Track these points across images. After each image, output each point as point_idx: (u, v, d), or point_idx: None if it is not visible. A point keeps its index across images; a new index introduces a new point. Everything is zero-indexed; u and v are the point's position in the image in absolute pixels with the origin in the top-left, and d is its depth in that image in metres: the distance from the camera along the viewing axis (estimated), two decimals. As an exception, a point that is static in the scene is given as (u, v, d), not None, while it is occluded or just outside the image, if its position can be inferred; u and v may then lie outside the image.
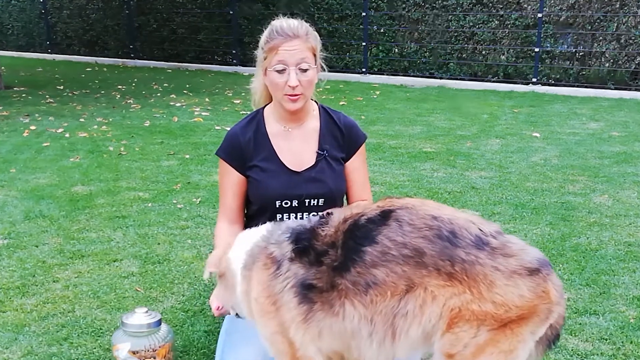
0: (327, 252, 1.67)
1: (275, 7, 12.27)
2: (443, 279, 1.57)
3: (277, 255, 1.74)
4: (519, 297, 1.54)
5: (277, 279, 1.71)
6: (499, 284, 1.54)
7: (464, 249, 1.57)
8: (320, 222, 1.75)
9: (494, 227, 1.65)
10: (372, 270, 1.61)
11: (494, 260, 1.56)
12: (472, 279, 1.55)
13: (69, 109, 8.13)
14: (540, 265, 1.58)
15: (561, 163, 5.27)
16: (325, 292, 1.65)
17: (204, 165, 5.25)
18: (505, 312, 1.54)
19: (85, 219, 3.97)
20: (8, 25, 17.23)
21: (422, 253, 1.59)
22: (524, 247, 1.63)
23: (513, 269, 1.56)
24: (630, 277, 3.10)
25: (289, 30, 2.11)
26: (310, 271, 1.67)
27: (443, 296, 1.57)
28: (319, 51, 2.18)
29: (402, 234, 1.61)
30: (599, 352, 2.44)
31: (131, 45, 14.75)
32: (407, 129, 6.77)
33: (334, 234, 1.69)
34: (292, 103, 2.14)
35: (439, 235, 1.59)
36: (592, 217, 3.95)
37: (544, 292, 1.56)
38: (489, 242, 1.59)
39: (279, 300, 1.70)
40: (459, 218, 1.64)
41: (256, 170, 2.23)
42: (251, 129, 2.25)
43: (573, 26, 9.90)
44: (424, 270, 1.58)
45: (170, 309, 2.82)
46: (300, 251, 1.71)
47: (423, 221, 1.62)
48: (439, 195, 4.41)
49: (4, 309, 2.82)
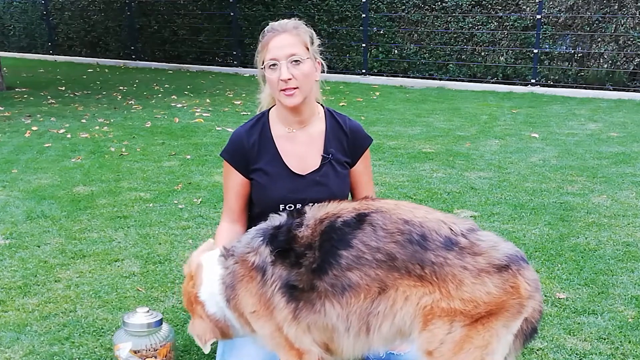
0: (305, 254, 1.74)
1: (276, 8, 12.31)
2: (414, 281, 1.65)
3: (258, 264, 1.79)
4: (486, 294, 1.60)
5: (265, 285, 1.77)
6: (467, 283, 1.61)
7: (434, 252, 1.64)
8: (296, 223, 1.80)
9: (466, 225, 1.71)
10: (348, 274, 1.69)
11: (463, 260, 1.63)
12: (442, 279, 1.63)
13: (70, 110, 8.15)
14: (509, 262, 1.63)
15: (560, 163, 5.29)
16: (306, 292, 1.73)
17: (205, 166, 5.27)
18: (474, 308, 1.61)
19: (87, 219, 3.99)
20: (10, 27, 17.25)
21: (394, 258, 1.66)
22: (496, 243, 1.67)
23: (481, 268, 1.62)
24: (628, 276, 3.11)
25: (278, 27, 2.15)
26: (292, 273, 1.75)
27: (415, 296, 1.65)
28: (312, 44, 2.17)
29: (376, 239, 1.69)
30: (597, 352, 2.46)
31: (132, 47, 14.78)
32: (406, 129, 6.79)
33: (310, 235, 1.75)
34: (289, 98, 2.13)
35: (410, 239, 1.67)
36: (590, 217, 3.96)
37: (512, 287, 1.62)
38: (458, 242, 1.65)
39: (272, 303, 1.77)
40: (430, 220, 1.71)
41: (260, 173, 2.24)
42: (256, 132, 2.25)
43: (572, 27, 9.92)
44: (396, 274, 1.66)
45: (171, 308, 2.83)
46: (281, 253, 1.77)
47: (395, 226, 1.69)
48: (438, 195, 4.43)
49: (6, 308, 2.84)
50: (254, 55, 2.27)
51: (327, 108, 2.33)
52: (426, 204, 4.22)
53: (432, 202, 4.29)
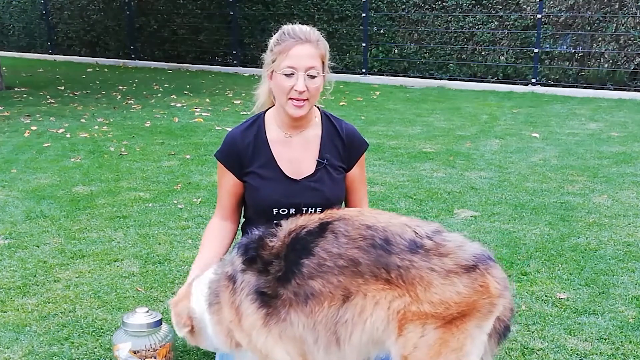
0: (272, 262, 1.74)
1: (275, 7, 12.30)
2: (382, 284, 1.62)
3: (231, 273, 1.81)
4: (456, 294, 1.59)
5: (236, 293, 1.78)
6: (435, 284, 1.59)
7: (399, 255, 1.62)
8: (269, 233, 1.81)
9: (431, 227, 1.69)
10: (310, 282, 1.67)
11: (429, 262, 1.61)
12: (409, 282, 1.60)
13: (70, 110, 8.14)
14: (477, 261, 1.62)
15: (560, 163, 5.28)
16: (273, 299, 1.72)
17: (205, 166, 5.26)
18: (445, 309, 1.59)
19: (86, 219, 3.99)
20: (9, 26, 17.25)
21: (357, 263, 1.64)
22: (462, 244, 1.66)
23: (449, 268, 1.60)
24: (629, 277, 3.11)
25: (301, 34, 2.09)
26: (261, 279, 1.74)
27: (385, 300, 1.62)
28: (327, 59, 2.16)
29: (338, 245, 1.67)
30: (598, 352, 2.45)
31: (132, 46, 14.77)
32: (406, 129, 6.78)
33: (279, 246, 1.76)
34: (297, 109, 2.11)
35: (373, 244, 1.65)
36: (591, 217, 3.96)
37: (482, 286, 1.60)
38: (423, 245, 1.63)
39: (241, 310, 1.76)
40: (394, 224, 1.69)
41: (254, 176, 2.22)
42: (251, 134, 2.23)
43: (572, 27, 9.91)
44: (360, 279, 1.63)
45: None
46: (249, 261, 1.78)
47: (358, 231, 1.67)
48: (438, 195, 4.42)
49: (5, 308, 2.83)
50: (254, 55, 2.26)
51: (324, 111, 2.31)
52: (426, 204, 4.21)
53: (432, 202, 4.28)
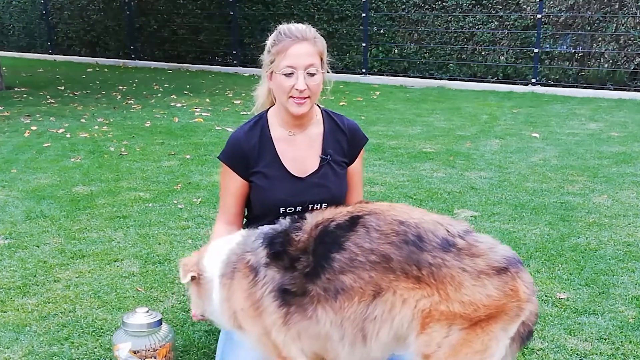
0: (299, 258, 1.71)
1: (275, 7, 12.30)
2: (411, 282, 1.61)
3: (253, 263, 1.78)
4: (486, 296, 1.57)
5: (256, 285, 1.76)
6: (466, 285, 1.58)
7: (431, 253, 1.61)
8: (294, 227, 1.78)
9: (462, 227, 1.68)
10: (340, 277, 1.65)
11: (461, 262, 1.60)
12: (440, 281, 1.59)
13: (69, 110, 8.14)
14: (508, 264, 1.61)
15: (560, 163, 5.28)
16: (299, 297, 1.70)
17: (205, 166, 5.26)
18: (473, 311, 1.57)
19: (86, 219, 3.99)
20: (9, 26, 17.25)
21: (389, 259, 1.62)
22: (493, 245, 1.65)
23: (480, 269, 1.59)
24: (629, 277, 3.11)
25: (298, 33, 2.09)
26: (286, 276, 1.72)
27: (413, 298, 1.61)
28: (325, 56, 2.17)
29: (370, 240, 1.65)
30: (598, 352, 2.45)
31: (132, 46, 14.77)
32: (406, 129, 6.78)
33: (306, 239, 1.73)
34: (298, 107, 2.12)
35: (406, 240, 1.63)
36: (591, 217, 3.96)
37: (512, 290, 1.59)
38: (456, 244, 1.62)
39: (261, 305, 1.75)
40: (426, 221, 1.67)
41: (259, 176, 2.22)
42: (256, 134, 2.23)
43: (572, 27, 9.91)
44: (391, 275, 1.62)
45: (170, 308, 2.83)
46: (275, 256, 1.76)
47: (390, 227, 1.66)
48: (438, 195, 4.42)
49: (5, 308, 2.83)
50: (254, 55, 2.26)
51: (324, 109, 2.33)
52: (426, 204, 4.21)
53: (433, 202, 4.28)
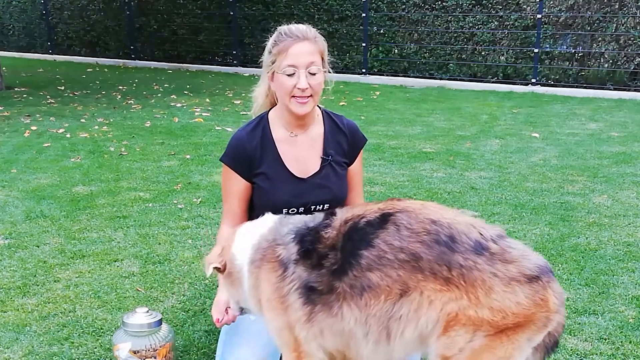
0: (327, 255, 1.70)
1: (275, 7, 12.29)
2: (440, 284, 1.57)
3: (283, 258, 1.77)
4: (516, 304, 1.54)
5: (284, 281, 1.74)
6: (497, 290, 1.54)
7: (462, 254, 1.57)
8: (324, 224, 1.76)
9: (495, 231, 1.64)
10: (367, 274, 1.63)
11: (493, 266, 1.56)
12: (470, 284, 1.55)
13: (70, 110, 8.15)
14: (540, 273, 1.57)
15: (560, 163, 5.28)
16: (325, 294, 1.68)
17: (205, 166, 5.26)
18: (502, 318, 1.54)
19: (86, 219, 3.99)
20: (9, 26, 17.25)
21: (419, 258, 1.59)
22: (526, 252, 1.61)
23: (512, 276, 1.55)
24: (629, 277, 3.11)
25: (298, 32, 2.10)
26: (312, 274, 1.70)
27: (440, 301, 1.58)
28: (326, 55, 2.17)
29: (400, 238, 1.62)
30: (598, 352, 2.45)
31: (132, 46, 14.77)
32: (406, 129, 6.78)
33: (335, 236, 1.71)
34: (301, 106, 2.12)
35: (437, 240, 1.60)
36: (591, 217, 3.95)
37: (542, 300, 1.56)
38: (489, 247, 1.58)
39: (286, 301, 1.74)
40: (459, 222, 1.63)
41: (262, 177, 2.22)
42: (257, 136, 2.23)
43: (572, 27, 9.91)
44: (419, 275, 1.59)
45: (170, 308, 2.83)
46: (305, 254, 1.74)
47: (421, 225, 1.62)
48: (438, 195, 4.42)
49: (5, 308, 2.83)
50: (254, 55, 2.27)
51: (324, 109, 2.33)
52: (426, 204, 4.21)
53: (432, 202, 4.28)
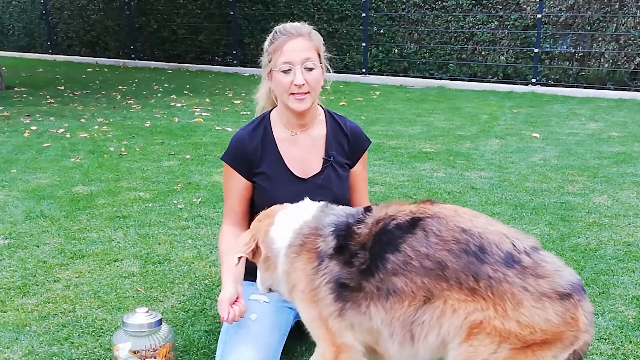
0: (357, 253, 1.70)
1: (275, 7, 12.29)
2: (465, 294, 1.55)
3: (321, 250, 1.76)
4: (545, 320, 1.50)
5: (317, 273, 1.75)
6: (526, 305, 1.50)
7: (492, 266, 1.54)
8: (358, 220, 1.76)
9: (529, 243, 1.60)
10: (393, 278, 1.63)
11: (524, 280, 1.52)
12: (498, 296, 1.52)
13: (69, 110, 8.14)
14: (572, 291, 1.53)
15: (560, 163, 5.28)
16: (355, 292, 1.69)
17: (205, 166, 5.26)
18: (530, 334, 1.51)
19: (86, 219, 3.98)
20: (9, 26, 17.25)
21: (445, 266, 1.57)
22: (559, 268, 1.57)
23: (543, 291, 1.51)
24: (629, 277, 3.10)
25: (292, 29, 2.11)
26: (344, 270, 1.71)
27: (464, 310, 1.56)
28: (322, 51, 2.17)
29: (427, 245, 1.60)
30: (598, 352, 2.45)
31: (132, 46, 14.77)
32: (406, 129, 6.78)
33: (366, 234, 1.71)
34: (299, 103, 2.12)
35: (466, 250, 1.57)
36: (591, 217, 3.95)
37: (572, 318, 1.52)
38: (521, 260, 1.54)
39: (318, 293, 1.75)
40: (491, 232, 1.60)
41: (263, 177, 2.23)
42: (259, 135, 2.23)
43: (572, 27, 9.91)
44: (444, 284, 1.57)
45: (170, 308, 2.82)
46: (338, 249, 1.74)
47: (451, 233, 1.60)
48: (438, 195, 4.42)
49: (5, 308, 2.83)
50: (254, 55, 2.28)
51: (327, 110, 2.33)
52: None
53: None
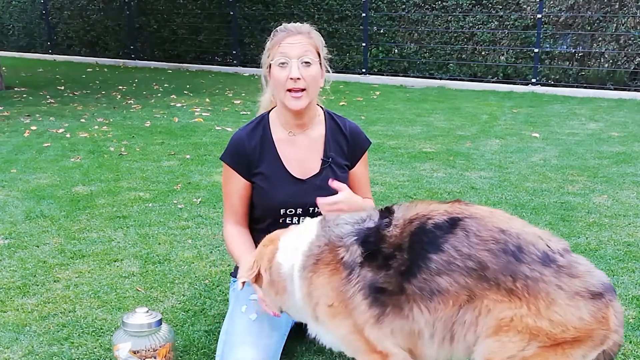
0: (394, 255, 1.68)
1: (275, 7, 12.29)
2: (502, 295, 1.57)
3: (347, 260, 1.74)
4: (578, 319, 1.52)
5: (349, 283, 1.72)
6: (559, 303, 1.53)
7: (529, 265, 1.57)
8: (385, 222, 1.74)
9: (562, 245, 1.63)
10: (437, 278, 1.63)
11: (559, 279, 1.55)
12: (533, 295, 1.54)
13: (69, 110, 8.14)
14: (604, 290, 1.56)
15: (560, 163, 5.28)
16: (395, 295, 1.67)
17: (205, 166, 5.26)
18: (561, 332, 1.53)
19: (86, 219, 3.98)
20: (9, 26, 17.25)
21: (486, 267, 1.59)
22: (591, 269, 1.61)
23: (576, 290, 1.54)
24: (629, 277, 3.10)
25: (292, 27, 2.13)
26: (380, 274, 1.69)
27: (497, 310, 1.58)
28: (322, 50, 2.17)
29: (469, 245, 1.62)
30: (597, 352, 2.45)
31: (132, 46, 14.77)
32: (407, 129, 6.78)
33: (399, 234, 1.70)
34: (295, 100, 2.11)
35: (505, 249, 1.59)
36: (591, 217, 3.95)
37: (603, 317, 1.55)
38: (556, 260, 1.57)
39: (351, 303, 1.72)
40: (527, 233, 1.63)
41: (261, 177, 2.22)
42: (257, 135, 2.23)
43: (572, 27, 9.91)
44: (485, 284, 1.59)
45: (170, 308, 2.82)
46: (370, 255, 1.72)
47: (490, 234, 1.62)
48: (438, 195, 4.42)
49: (5, 308, 2.83)
50: (254, 55, 2.28)
51: (326, 110, 2.33)
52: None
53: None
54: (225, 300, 2.86)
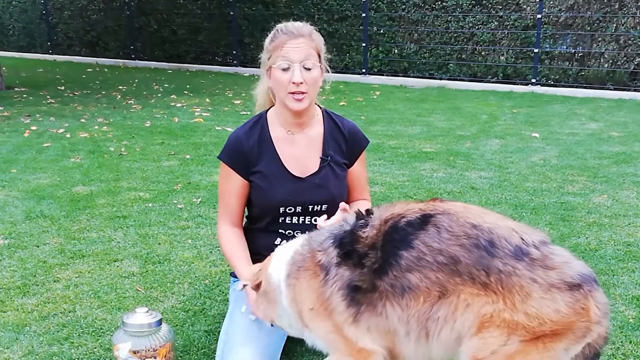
0: (367, 254, 1.69)
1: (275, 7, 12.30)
2: (477, 288, 1.57)
3: (324, 262, 1.76)
4: (554, 311, 1.51)
5: (327, 284, 1.74)
6: (534, 297, 1.52)
7: (502, 259, 1.55)
8: (360, 225, 1.75)
9: (538, 237, 1.62)
10: (407, 275, 1.63)
11: (533, 272, 1.54)
12: (508, 290, 1.54)
13: (69, 110, 8.15)
14: (582, 281, 1.54)
15: (560, 163, 5.28)
16: (369, 293, 1.68)
17: (205, 166, 5.26)
18: (538, 325, 1.51)
19: (86, 219, 3.98)
20: (9, 26, 17.26)
21: (457, 261, 1.58)
22: (569, 260, 1.59)
23: (552, 282, 1.52)
24: (629, 277, 3.10)
25: (293, 29, 2.12)
26: (355, 273, 1.70)
27: (477, 304, 1.57)
28: (323, 52, 2.18)
29: (439, 241, 1.61)
30: (597, 352, 2.45)
31: (132, 46, 14.77)
32: (406, 129, 6.78)
33: (374, 235, 1.71)
34: (297, 102, 2.12)
35: (477, 244, 1.58)
36: (591, 217, 3.95)
37: (582, 309, 1.52)
38: (529, 253, 1.56)
39: (330, 304, 1.73)
40: (500, 227, 1.62)
41: (259, 176, 2.22)
42: (255, 134, 2.23)
43: (572, 27, 9.91)
44: (457, 279, 1.59)
45: (170, 308, 2.82)
46: (345, 255, 1.73)
47: (462, 229, 1.61)
48: (438, 195, 4.42)
49: (5, 308, 2.83)
50: (254, 55, 2.28)
51: (325, 109, 2.33)
52: (426, 204, 4.21)
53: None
54: (225, 300, 2.86)
